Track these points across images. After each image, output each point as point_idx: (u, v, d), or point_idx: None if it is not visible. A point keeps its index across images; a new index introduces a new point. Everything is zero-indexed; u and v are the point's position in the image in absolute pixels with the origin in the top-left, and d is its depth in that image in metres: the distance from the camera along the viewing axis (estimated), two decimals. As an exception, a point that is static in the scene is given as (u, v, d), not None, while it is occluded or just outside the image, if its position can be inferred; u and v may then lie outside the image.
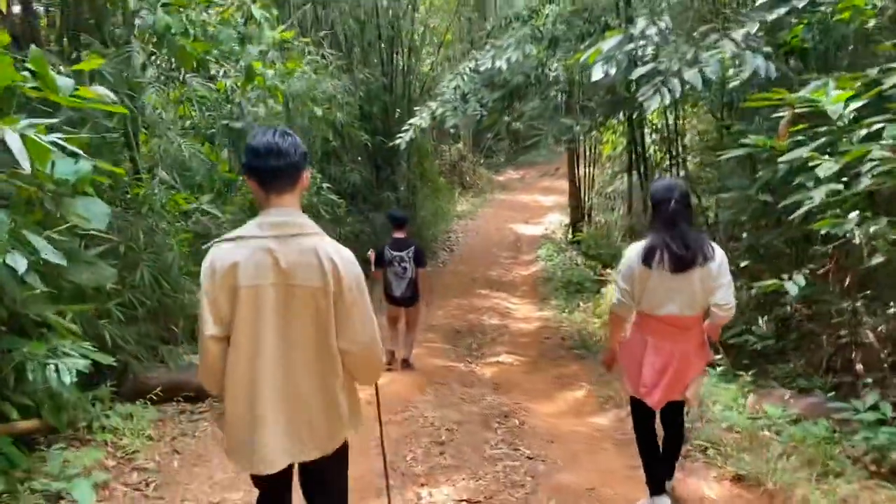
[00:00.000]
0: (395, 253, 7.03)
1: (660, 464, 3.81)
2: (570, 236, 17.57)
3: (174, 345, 6.18)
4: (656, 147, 10.23)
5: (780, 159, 4.44)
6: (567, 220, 19.03)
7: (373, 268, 7.02)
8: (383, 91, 14.91)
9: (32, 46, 3.75)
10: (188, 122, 8.26)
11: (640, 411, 3.75)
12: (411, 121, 8.79)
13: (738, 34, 5.35)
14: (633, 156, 9.41)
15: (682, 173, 9.35)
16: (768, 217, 6.18)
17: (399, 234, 7.16)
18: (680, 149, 9.09)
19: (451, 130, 23.62)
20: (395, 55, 15.45)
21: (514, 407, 6.33)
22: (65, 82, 3.45)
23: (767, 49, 5.33)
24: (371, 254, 7.16)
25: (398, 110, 15.75)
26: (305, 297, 2.31)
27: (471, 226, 18.84)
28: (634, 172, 9.64)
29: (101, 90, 3.66)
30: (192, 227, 7.18)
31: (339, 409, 2.45)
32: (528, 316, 11.70)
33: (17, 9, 6.19)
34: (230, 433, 2.44)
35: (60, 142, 3.32)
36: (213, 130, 8.23)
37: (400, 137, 8.78)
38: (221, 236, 2.42)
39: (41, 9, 7.22)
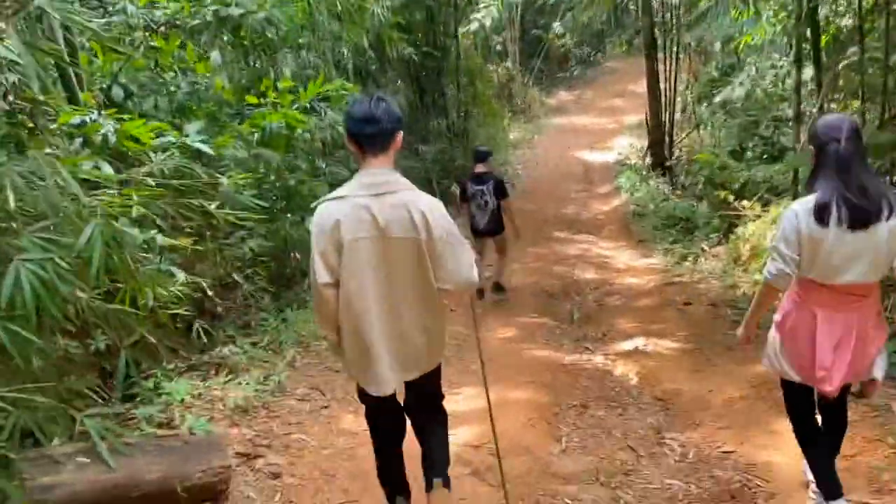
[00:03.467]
0: (477, 187, 6.74)
1: (827, 454, 2.90)
2: (648, 160, 14.33)
3: (110, 394, 3.35)
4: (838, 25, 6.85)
5: None
6: (642, 142, 15.72)
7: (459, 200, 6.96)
8: (426, -7, 11.58)
9: None
10: (159, 13, 5.23)
11: (802, 400, 2.89)
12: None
13: None
14: (808, 36, 6.13)
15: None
16: None
17: (480, 169, 6.83)
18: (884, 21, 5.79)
19: (498, 47, 20.20)
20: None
21: (741, 465, 3.41)
22: None
23: None
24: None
25: (443, 21, 12.53)
26: (402, 247, 2.47)
27: (529, 156, 15.63)
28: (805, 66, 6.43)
29: None
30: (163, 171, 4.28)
31: (436, 338, 2.68)
32: (633, 266, 8.67)
33: None
34: (349, 363, 2.67)
35: None
36: (198, 22, 5.18)
37: (475, 19, 5.68)
38: (325, 196, 2.57)
39: None
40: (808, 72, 8.34)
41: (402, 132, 2.58)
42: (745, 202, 8.07)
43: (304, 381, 4.59)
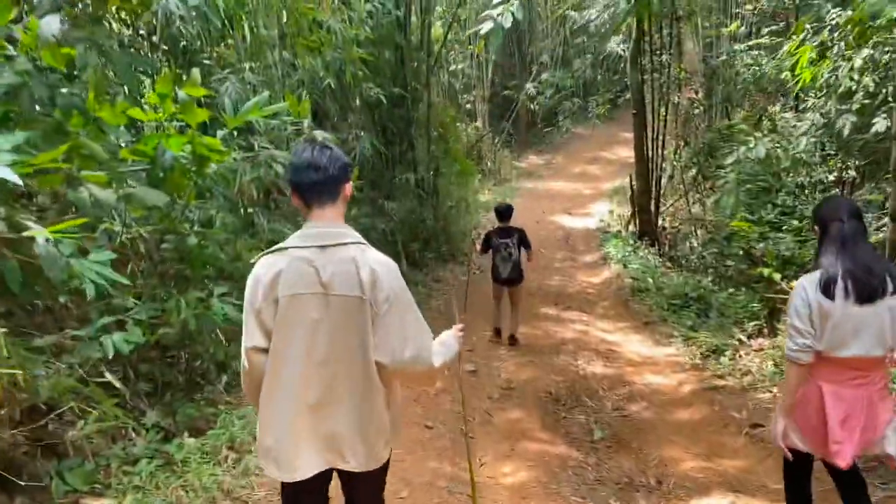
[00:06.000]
0: (502, 240, 6.88)
1: None
2: (634, 228, 12.57)
3: None
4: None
5: None
6: (622, 209, 14.00)
7: (477, 249, 7.56)
8: (397, 30, 9.73)
9: None
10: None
11: (798, 470, 2.87)
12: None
13: None
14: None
15: None
16: None
17: (504, 224, 7.01)
18: None
19: (468, 105, 18.55)
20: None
21: None
22: None
23: None
24: (477, 242, 8.13)
25: (415, 68, 10.69)
26: (345, 307, 2.05)
27: (504, 219, 13.69)
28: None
29: None
30: None
31: (380, 425, 2.15)
32: (650, 358, 6.63)
33: None
34: (262, 438, 2.14)
35: None
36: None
37: (489, 16, 3.74)
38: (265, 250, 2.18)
39: None
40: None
41: (350, 182, 2.21)
42: (794, 283, 6.16)
43: None
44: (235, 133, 4.69)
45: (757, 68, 12.05)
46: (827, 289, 2.55)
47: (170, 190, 3.64)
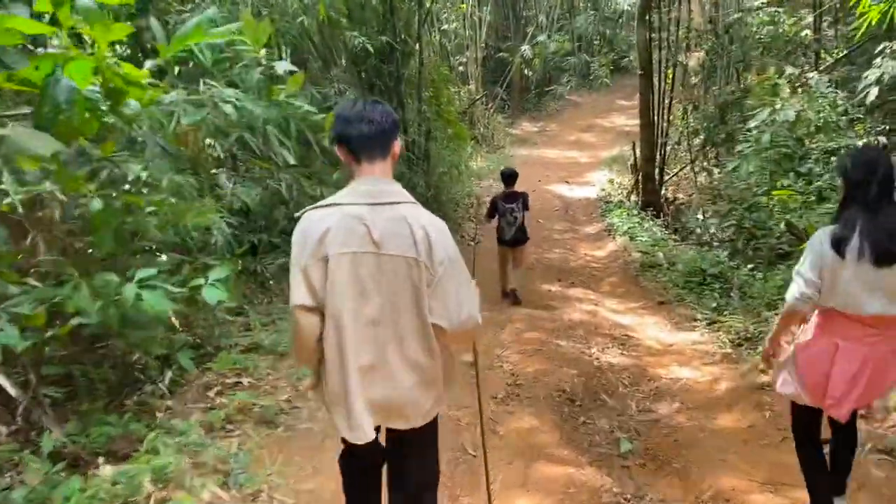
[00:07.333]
0: (508, 205, 6.91)
1: (828, 480, 2.81)
2: (636, 198, 11.58)
3: None
4: None
5: None
6: (622, 178, 13.00)
7: (485, 214, 7.20)
8: (385, -28, 8.52)
9: None
10: None
11: (806, 420, 2.81)
12: None
13: None
14: None
15: None
16: None
17: (510, 189, 6.97)
18: None
19: (461, 68, 17.31)
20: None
21: None
22: None
23: None
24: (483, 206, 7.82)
25: (405, 19, 9.51)
26: (397, 267, 1.95)
27: (498, 188, 12.66)
28: None
29: None
30: None
31: (432, 383, 2.07)
32: (672, 346, 5.68)
33: None
34: (329, 402, 2.07)
35: None
36: None
37: None
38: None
39: None
40: None
41: (399, 141, 2.07)
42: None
43: None
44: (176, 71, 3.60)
45: (772, 27, 11.02)
46: (838, 246, 2.45)
47: (66, 133, 2.57)
